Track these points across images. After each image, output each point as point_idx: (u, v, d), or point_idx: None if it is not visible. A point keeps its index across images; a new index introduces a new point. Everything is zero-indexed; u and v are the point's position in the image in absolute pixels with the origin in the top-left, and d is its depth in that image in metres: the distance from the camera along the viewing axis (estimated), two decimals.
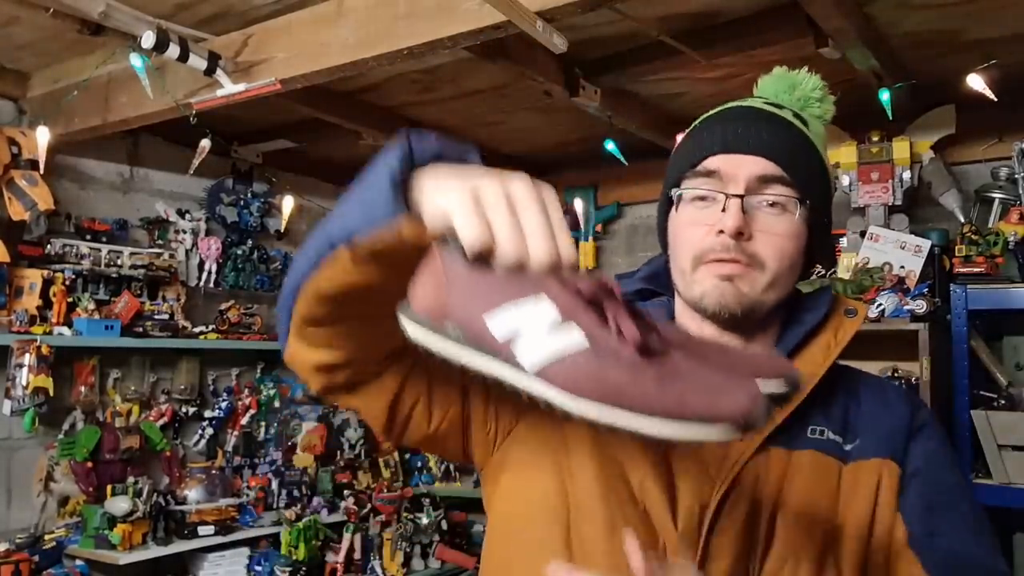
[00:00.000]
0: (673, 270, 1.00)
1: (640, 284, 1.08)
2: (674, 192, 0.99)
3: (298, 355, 0.84)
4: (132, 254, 3.23)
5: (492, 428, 0.97)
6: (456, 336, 0.64)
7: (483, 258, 0.62)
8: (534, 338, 0.60)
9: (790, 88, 1.02)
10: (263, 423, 3.69)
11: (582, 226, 3.71)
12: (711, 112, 1.02)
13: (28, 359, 2.80)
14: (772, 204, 0.94)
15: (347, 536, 3.45)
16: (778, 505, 0.90)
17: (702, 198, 0.96)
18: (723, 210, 0.93)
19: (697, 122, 1.03)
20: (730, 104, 1.01)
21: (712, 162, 0.95)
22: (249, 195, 3.79)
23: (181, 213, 3.53)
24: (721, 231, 0.92)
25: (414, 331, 0.67)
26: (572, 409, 0.57)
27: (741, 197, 0.92)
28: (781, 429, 0.91)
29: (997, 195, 2.76)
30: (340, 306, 0.76)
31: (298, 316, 0.79)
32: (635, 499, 0.90)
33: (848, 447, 0.95)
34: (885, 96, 2.50)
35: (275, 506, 3.48)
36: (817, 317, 0.99)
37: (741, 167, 0.94)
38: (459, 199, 0.63)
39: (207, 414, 3.52)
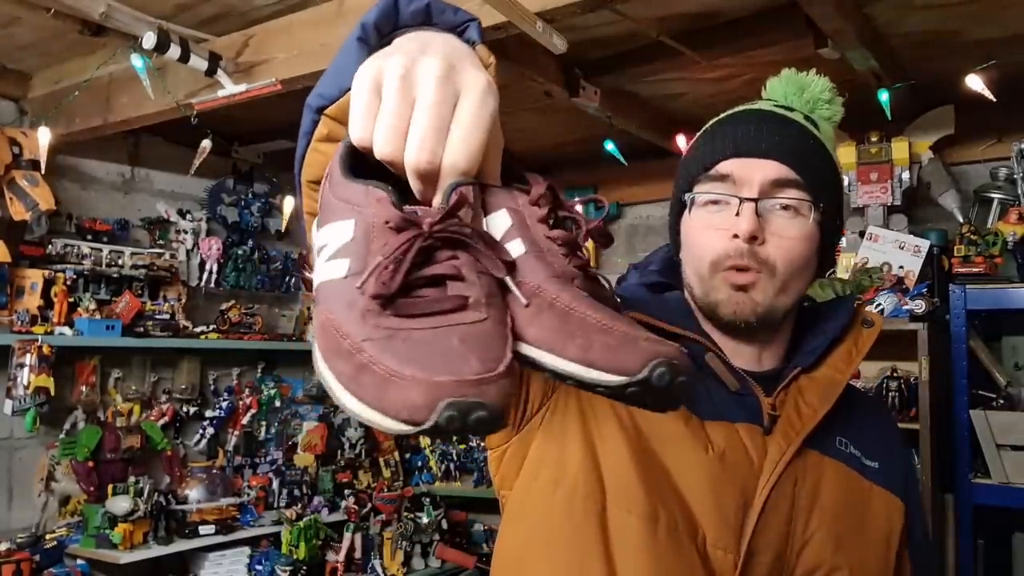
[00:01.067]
0: (688, 273, 1.00)
1: (658, 277, 1.07)
2: (687, 196, 0.99)
3: None
4: (133, 254, 3.24)
5: (521, 405, 0.92)
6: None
7: (361, 152, 0.55)
8: (322, 258, 0.52)
9: (799, 90, 1.01)
10: (264, 423, 3.70)
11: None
12: (723, 115, 1.02)
13: (29, 359, 2.80)
14: (785, 207, 0.94)
15: (347, 535, 3.45)
16: (813, 507, 0.91)
17: (715, 202, 0.95)
18: (737, 214, 0.92)
19: (708, 125, 1.03)
20: (741, 107, 1.01)
21: (725, 166, 0.95)
22: (250, 195, 3.80)
23: (182, 213, 3.53)
24: (735, 235, 0.92)
25: (313, 230, 0.59)
26: (314, 351, 0.48)
27: (755, 201, 0.92)
28: (816, 433, 0.93)
29: (996, 195, 2.77)
30: None
31: (305, 215, 0.71)
32: (673, 485, 0.89)
33: (868, 463, 0.98)
34: (884, 96, 2.51)
35: (276, 505, 3.48)
36: (838, 326, 1.00)
37: (754, 171, 0.93)
38: (361, 81, 0.56)
39: (208, 414, 3.53)
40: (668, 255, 1.07)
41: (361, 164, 0.56)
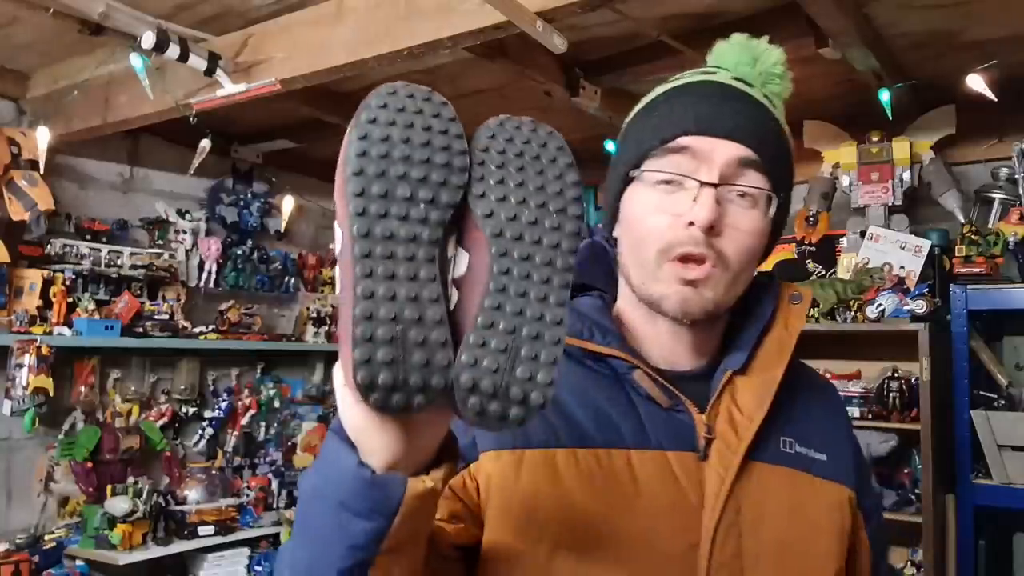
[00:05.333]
0: (628, 258, 0.89)
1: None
2: (635, 172, 0.88)
3: None
4: (132, 254, 3.23)
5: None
6: None
7: None
8: None
9: (752, 61, 0.92)
10: (263, 423, 3.70)
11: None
12: (677, 83, 0.91)
13: (28, 359, 2.80)
14: (743, 195, 0.85)
15: None
16: (760, 530, 0.83)
17: (668, 182, 0.85)
18: (694, 200, 0.83)
19: (658, 94, 0.92)
20: (696, 77, 0.91)
21: (684, 141, 0.85)
22: (249, 195, 3.79)
23: (181, 213, 3.53)
24: (691, 223, 0.82)
25: None
26: None
27: (715, 186, 0.83)
28: (757, 441, 0.85)
29: (997, 195, 2.76)
30: None
31: None
32: (612, 552, 0.80)
33: (816, 456, 0.90)
34: (885, 96, 2.50)
35: (275, 506, 3.47)
36: (768, 309, 0.92)
37: (717, 151, 0.84)
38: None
39: (207, 414, 3.53)
40: (586, 252, 0.97)
41: None
